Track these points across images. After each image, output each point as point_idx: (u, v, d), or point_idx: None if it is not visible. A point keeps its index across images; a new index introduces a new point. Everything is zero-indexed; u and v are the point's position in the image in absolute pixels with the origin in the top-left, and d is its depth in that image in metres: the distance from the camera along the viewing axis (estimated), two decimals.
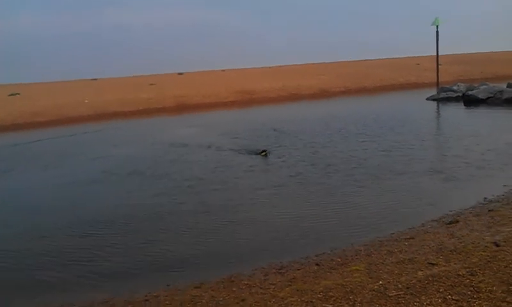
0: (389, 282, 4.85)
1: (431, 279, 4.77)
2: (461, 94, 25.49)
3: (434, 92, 27.85)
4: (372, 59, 70.65)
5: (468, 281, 4.62)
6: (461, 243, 5.80)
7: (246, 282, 5.52)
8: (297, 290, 4.96)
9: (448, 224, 6.82)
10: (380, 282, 4.88)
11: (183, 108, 33.76)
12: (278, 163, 12.47)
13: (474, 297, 4.28)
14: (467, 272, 4.83)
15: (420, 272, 5.00)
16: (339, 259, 5.90)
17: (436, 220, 7.16)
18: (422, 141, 14.30)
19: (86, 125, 27.46)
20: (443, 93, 26.63)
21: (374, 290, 4.69)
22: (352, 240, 6.69)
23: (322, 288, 4.91)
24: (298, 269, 5.75)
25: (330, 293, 4.75)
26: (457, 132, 15.66)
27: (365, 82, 41.64)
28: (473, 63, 49.48)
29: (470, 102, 23.84)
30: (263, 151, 13.60)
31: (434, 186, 9.42)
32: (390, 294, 4.56)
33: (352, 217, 7.95)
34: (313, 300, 4.64)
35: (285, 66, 70.29)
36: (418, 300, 4.34)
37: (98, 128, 25.47)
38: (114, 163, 14.54)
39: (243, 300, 4.95)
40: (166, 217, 8.72)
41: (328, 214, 8.15)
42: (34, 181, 13.39)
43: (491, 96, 23.34)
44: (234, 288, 5.35)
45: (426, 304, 4.27)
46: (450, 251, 5.54)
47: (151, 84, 47.43)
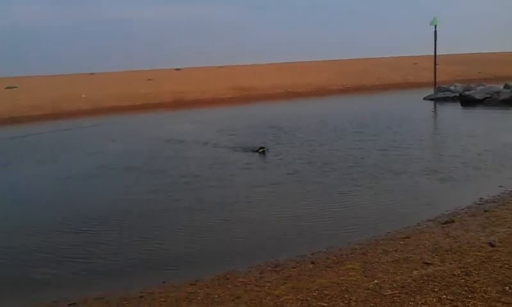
0: (384, 281, 4.86)
1: (426, 278, 4.79)
2: (458, 95, 25.56)
3: (431, 92, 27.91)
4: (370, 58, 70.82)
5: (463, 280, 4.64)
6: (456, 243, 5.82)
7: (241, 279, 5.51)
8: (293, 288, 4.97)
9: (444, 224, 6.84)
10: (375, 281, 4.89)
11: (180, 104, 33.72)
12: (275, 161, 12.46)
13: (469, 297, 4.30)
14: (462, 272, 4.85)
15: (415, 272, 5.01)
16: (335, 258, 5.90)
17: (431, 220, 7.18)
18: (418, 141, 14.34)
19: (83, 119, 27.40)
20: (441, 92, 26.70)
21: (369, 289, 4.70)
22: (348, 239, 6.69)
23: (317, 287, 4.92)
24: (294, 267, 5.75)
25: (325, 292, 4.76)
26: (454, 132, 15.71)
27: (362, 81, 41.69)
28: (471, 64, 49.63)
29: (467, 102, 23.92)
30: (261, 148, 13.58)
31: (430, 186, 9.44)
32: (385, 293, 4.57)
33: (349, 216, 7.96)
34: (309, 299, 4.65)
35: (282, 63, 70.37)
36: (413, 300, 4.36)
37: (95, 122, 25.38)
38: (111, 158, 14.50)
39: (238, 297, 4.95)
40: (161, 213, 8.70)
41: (324, 213, 8.16)
42: (30, 176, 13.33)
43: (488, 97, 23.43)
44: (229, 286, 5.34)
45: (421, 303, 4.28)
46: (446, 251, 5.56)
47: (148, 79, 47.45)
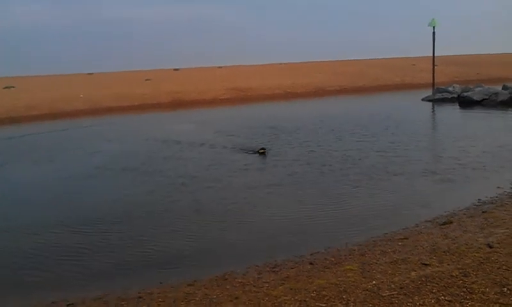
0: (382, 282, 4.86)
1: (424, 279, 4.79)
2: (456, 96, 25.61)
3: (429, 93, 27.95)
4: (368, 59, 70.89)
5: (461, 282, 4.64)
6: (454, 244, 5.82)
7: (239, 280, 5.51)
8: (291, 289, 4.96)
9: (442, 225, 6.84)
10: (373, 282, 4.89)
11: (178, 104, 33.68)
12: (273, 162, 12.45)
13: (467, 298, 4.30)
14: (460, 273, 4.85)
15: (413, 273, 5.01)
16: (333, 259, 5.90)
17: (430, 221, 7.18)
18: (417, 142, 14.35)
19: (81, 119, 27.34)
20: (439, 94, 26.73)
21: (367, 290, 4.70)
22: (346, 240, 6.69)
23: (315, 287, 4.91)
24: (292, 268, 5.74)
25: (323, 292, 4.75)
26: (452, 133, 15.73)
27: (360, 82, 41.72)
28: (469, 65, 49.72)
29: (465, 103, 23.97)
30: (262, 149, 13.53)
31: (428, 187, 9.45)
32: (383, 294, 4.56)
33: (347, 217, 7.96)
34: (307, 299, 4.64)
35: (282, 64, 70.38)
36: (411, 301, 4.36)
37: (93, 122, 25.34)
38: (108, 158, 14.46)
39: (236, 298, 4.94)
40: (159, 214, 8.68)
41: (323, 214, 8.16)
42: (26, 176, 13.28)
43: (486, 98, 23.48)
44: (228, 286, 5.34)
45: (419, 304, 4.28)
46: (444, 252, 5.56)
47: (147, 79, 47.37)
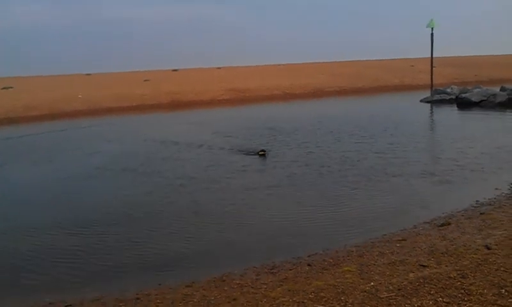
0: (380, 283, 4.86)
1: (422, 281, 4.79)
2: (454, 97, 25.65)
3: (428, 94, 27.95)
4: (367, 60, 71.00)
5: (459, 283, 4.64)
6: (452, 245, 5.83)
7: (237, 281, 5.50)
8: (289, 290, 4.96)
9: (440, 226, 6.85)
10: (371, 283, 4.89)
11: (177, 105, 33.66)
12: (272, 163, 12.45)
13: (465, 299, 4.30)
14: (458, 274, 4.85)
15: (411, 274, 5.02)
16: (331, 260, 5.90)
17: (428, 223, 7.19)
18: (415, 143, 14.36)
19: (80, 119, 27.31)
20: (437, 95, 26.76)
21: (365, 291, 4.70)
22: (344, 241, 6.69)
23: (313, 289, 4.91)
24: (290, 269, 5.74)
25: (322, 294, 4.75)
26: (451, 134, 15.75)
27: (359, 83, 41.76)
28: (467, 66, 49.81)
29: (464, 104, 24.01)
30: (262, 150, 13.51)
31: (426, 188, 9.45)
32: (381, 295, 4.57)
33: (345, 218, 7.95)
34: (305, 301, 4.64)
35: (281, 65, 70.42)
36: (410, 302, 4.36)
37: (92, 123, 25.31)
38: (107, 159, 14.44)
39: (234, 299, 4.94)
40: (157, 215, 8.67)
41: (321, 215, 8.16)
42: (25, 177, 13.25)
43: (485, 99, 23.53)
44: (226, 288, 5.33)
45: (417, 306, 4.28)
46: (442, 253, 5.56)
47: (145, 80, 47.38)
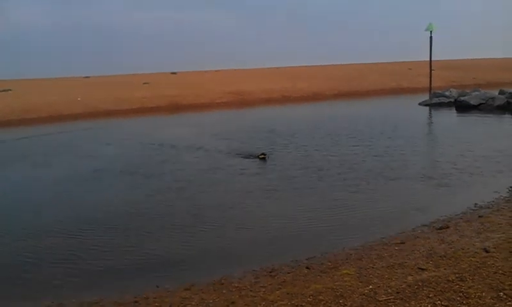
0: (379, 286, 4.86)
1: (420, 284, 4.79)
2: (453, 100, 25.70)
3: (426, 97, 27.97)
4: (365, 63, 71.13)
5: (457, 286, 4.64)
6: (451, 249, 5.83)
7: (236, 284, 5.50)
8: (288, 294, 4.96)
9: (439, 229, 6.85)
10: (370, 286, 4.89)
11: (176, 108, 33.65)
12: (270, 166, 12.45)
13: (463, 302, 4.31)
14: (457, 277, 4.86)
15: (410, 277, 5.02)
16: (329, 263, 5.90)
17: (426, 226, 7.19)
18: (414, 147, 14.37)
19: (79, 122, 27.29)
20: (436, 98, 26.80)
21: (364, 294, 4.70)
22: (343, 244, 6.69)
23: (312, 292, 4.91)
24: (289, 272, 5.74)
25: (320, 297, 4.75)
26: (449, 137, 15.77)
27: (357, 86, 41.80)
28: (464, 69, 49.90)
29: (462, 107, 24.07)
30: (262, 154, 13.49)
31: (425, 191, 9.46)
32: (380, 298, 4.56)
33: (343, 221, 7.96)
34: (303, 304, 4.64)
35: (278, 68, 70.53)
36: (408, 305, 4.36)
37: (91, 126, 25.32)
38: (105, 162, 14.44)
39: (233, 302, 4.93)
40: (155, 218, 8.66)
41: (320, 218, 8.15)
42: (23, 179, 13.25)
43: (483, 103, 23.59)
44: (224, 291, 5.33)
45: None
46: (440, 257, 5.57)
47: (144, 83, 47.37)
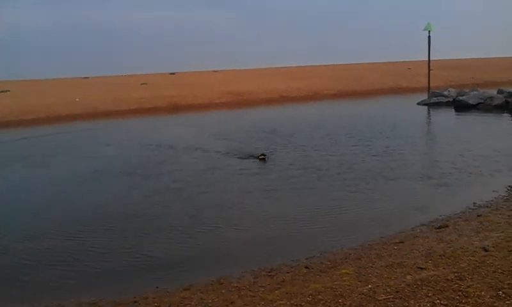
0: (378, 286, 4.86)
1: (419, 283, 4.79)
2: (451, 100, 25.71)
3: (425, 97, 27.98)
4: (364, 63, 71.17)
5: (456, 285, 4.64)
6: (450, 248, 5.83)
7: (235, 284, 5.49)
8: (287, 293, 4.95)
9: (438, 228, 6.86)
10: (369, 285, 4.89)
11: (175, 108, 33.63)
12: (269, 166, 12.45)
13: (463, 301, 4.30)
14: (456, 276, 4.85)
15: (409, 276, 5.02)
16: (329, 263, 5.90)
17: (425, 225, 7.20)
18: (412, 146, 14.37)
19: (77, 123, 27.26)
20: (434, 97, 26.81)
21: (363, 294, 4.70)
22: (342, 244, 6.69)
23: (311, 291, 4.90)
24: (288, 272, 5.74)
25: (319, 297, 4.74)
26: (448, 137, 15.78)
27: (356, 86, 41.80)
28: (463, 69, 49.96)
29: (461, 107, 24.10)
30: (262, 154, 13.47)
31: (424, 191, 9.47)
32: (379, 298, 4.56)
33: (343, 221, 7.96)
34: (303, 304, 4.63)
35: (277, 68, 70.56)
36: (407, 305, 4.35)
37: (89, 126, 25.30)
38: (103, 163, 14.42)
39: (232, 302, 4.93)
40: (155, 218, 8.65)
41: (319, 218, 8.16)
42: (21, 180, 13.23)
43: (482, 102, 23.62)
44: (223, 291, 5.32)
45: None
46: (439, 256, 5.57)
47: (143, 83, 47.32)
